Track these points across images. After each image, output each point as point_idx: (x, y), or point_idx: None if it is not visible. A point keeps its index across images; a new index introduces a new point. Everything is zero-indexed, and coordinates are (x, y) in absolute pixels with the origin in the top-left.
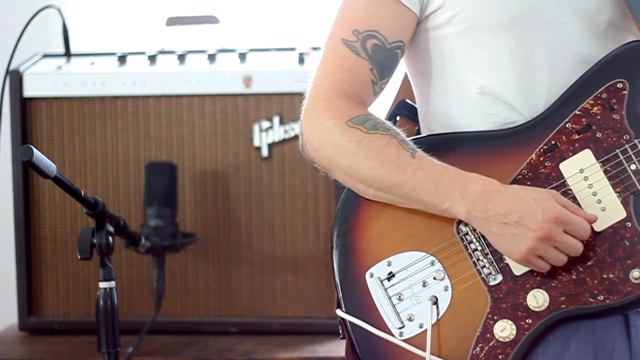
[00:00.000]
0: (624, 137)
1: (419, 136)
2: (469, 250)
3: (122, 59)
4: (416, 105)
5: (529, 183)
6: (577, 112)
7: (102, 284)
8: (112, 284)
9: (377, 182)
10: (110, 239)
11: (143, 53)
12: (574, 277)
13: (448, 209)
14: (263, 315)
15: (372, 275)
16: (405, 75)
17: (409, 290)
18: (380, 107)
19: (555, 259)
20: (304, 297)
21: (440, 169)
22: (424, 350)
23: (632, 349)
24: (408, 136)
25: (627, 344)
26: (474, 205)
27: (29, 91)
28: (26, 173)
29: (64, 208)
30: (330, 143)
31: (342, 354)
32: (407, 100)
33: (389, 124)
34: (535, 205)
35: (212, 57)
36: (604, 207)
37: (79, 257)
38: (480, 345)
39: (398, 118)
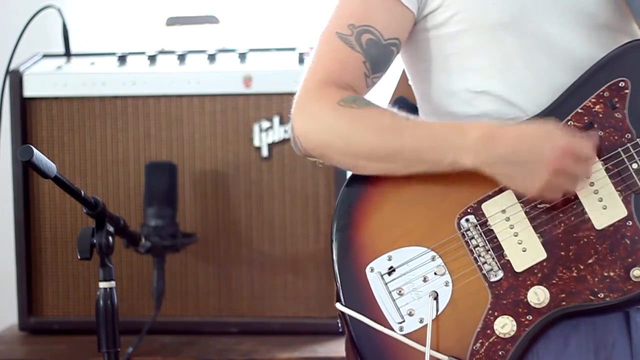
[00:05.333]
0: (626, 136)
1: None
2: (470, 246)
3: (122, 59)
4: (414, 102)
5: None
6: (579, 110)
7: (102, 284)
8: (112, 284)
9: (377, 152)
10: (110, 239)
11: (143, 53)
12: (574, 274)
13: (454, 161)
14: (263, 315)
15: (372, 270)
16: (403, 72)
17: (410, 285)
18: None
19: (572, 184)
20: (304, 297)
21: (437, 125)
22: (424, 345)
23: (633, 345)
24: None
25: (627, 340)
26: (478, 153)
27: (29, 91)
28: (26, 173)
29: (64, 208)
30: (324, 127)
31: (343, 353)
32: (405, 97)
33: (379, 104)
34: (540, 139)
35: (212, 57)
36: (605, 205)
37: (79, 257)
38: (480, 340)
39: None
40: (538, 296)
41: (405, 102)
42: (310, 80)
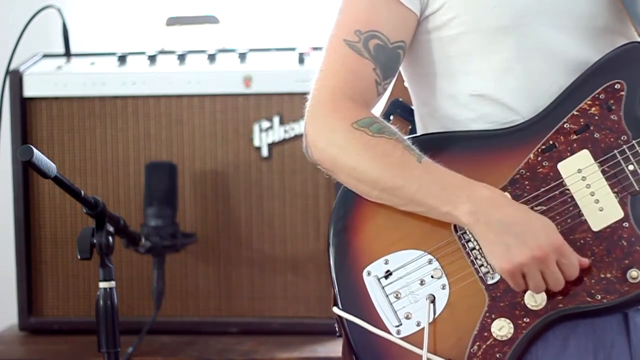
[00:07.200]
0: (622, 138)
1: (415, 135)
2: (467, 249)
3: (122, 59)
4: (409, 104)
5: (527, 182)
6: (575, 113)
7: (102, 284)
8: (112, 284)
9: (381, 184)
10: (110, 239)
11: (143, 53)
12: None
13: (449, 211)
14: (263, 315)
15: (369, 274)
16: (399, 74)
17: (407, 289)
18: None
19: (537, 284)
20: (304, 297)
21: (449, 174)
22: (421, 348)
23: (632, 346)
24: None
25: (626, 340)
26: (480, 207)
27: (29, 91)
28: (26, 173)
29: (64, 208)
30: (335, 144)
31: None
32: (401, 99)
33: (395, 128)
34: (541, 227)
35: (212, 57)
36: (602, 207)
37: (79, 257)
38: (477, 343)
39: (392, 117)
40: (535, 298)
41: (401, 104)
42: (323, 89)
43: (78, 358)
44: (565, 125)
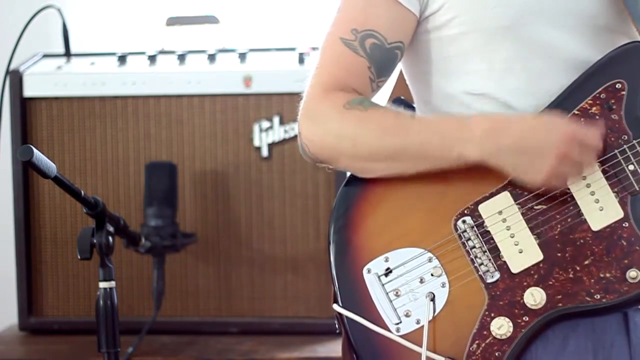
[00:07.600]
0: (623, 138)
1: None
2: (467, 248)
3: (122, 59)
4: (411, 102)
5: None
6: (576, 112)
7: (102, 284)
8: (112, 284)
9: (384, 152)
10: (110, 239)
11: (143, 53)
12: (571, 275)
13: (459, 155)
14: (263, 315)
15: (369, 271)
16: (401, 73)
17: (406, 286)
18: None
19: (576, 172)
20: (304, 297)
21: (442, 121)
22: (421, 346)
23: (631, 345)
24: None
25: (626, 340)
26: (485, 142)
27: (29, 91)
28: (26, 173)
29: (64, 208)
30: (331, 130)
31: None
32: (403, 97)
33: (386, 105)
34: (549, 129)
35: (212, 57)
36: (602, 206)
37: (79, 257)
38: (477, 342)
39: None
40: (534, 297)
41: (403, 102)
42: (316, 86)
43: (78, 358)
44: None
